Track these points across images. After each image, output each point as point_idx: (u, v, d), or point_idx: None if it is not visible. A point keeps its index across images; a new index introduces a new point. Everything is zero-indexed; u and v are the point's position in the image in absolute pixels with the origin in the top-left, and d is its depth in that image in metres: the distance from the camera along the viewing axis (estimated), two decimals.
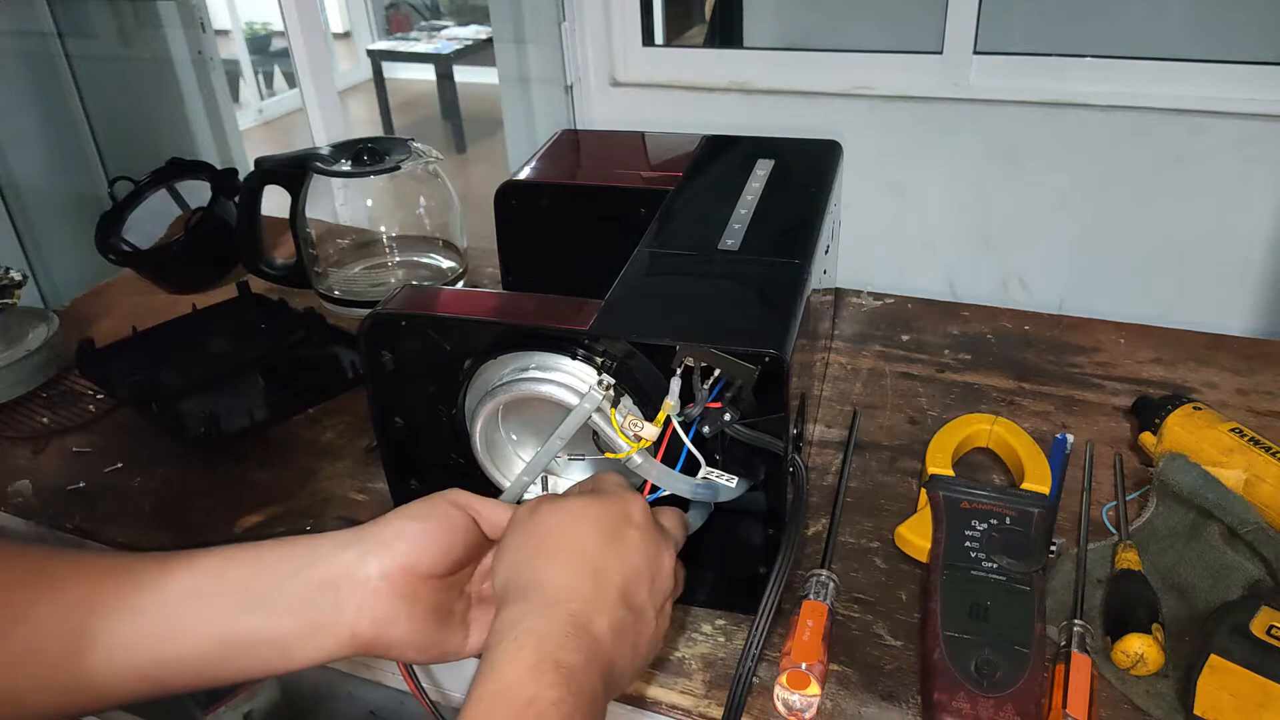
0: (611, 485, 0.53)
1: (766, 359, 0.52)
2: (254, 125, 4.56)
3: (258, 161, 0.99)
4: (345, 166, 0.96)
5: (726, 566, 0.64)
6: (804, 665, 0.54)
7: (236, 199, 1.02)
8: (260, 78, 4.80)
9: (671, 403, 0.54)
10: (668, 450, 0.56)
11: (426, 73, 4.44)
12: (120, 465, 0.80)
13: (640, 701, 0.58)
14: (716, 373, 0.53)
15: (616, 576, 0.47)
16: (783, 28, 2.25)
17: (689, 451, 0.55)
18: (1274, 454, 0.67)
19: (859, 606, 0.63)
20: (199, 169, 1.12)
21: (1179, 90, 1.40)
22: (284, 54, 3.95)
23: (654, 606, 0.48)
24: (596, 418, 0.54)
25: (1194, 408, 0.73)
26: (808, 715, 0.55)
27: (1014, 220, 1.54)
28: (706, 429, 0.54)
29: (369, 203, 1.08)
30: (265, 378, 0.88)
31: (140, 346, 0.95)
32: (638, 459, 0.54)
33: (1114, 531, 0.67)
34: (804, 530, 0.67)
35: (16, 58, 1.29)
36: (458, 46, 4.33)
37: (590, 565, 0.46)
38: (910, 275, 1.61)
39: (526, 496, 0.61)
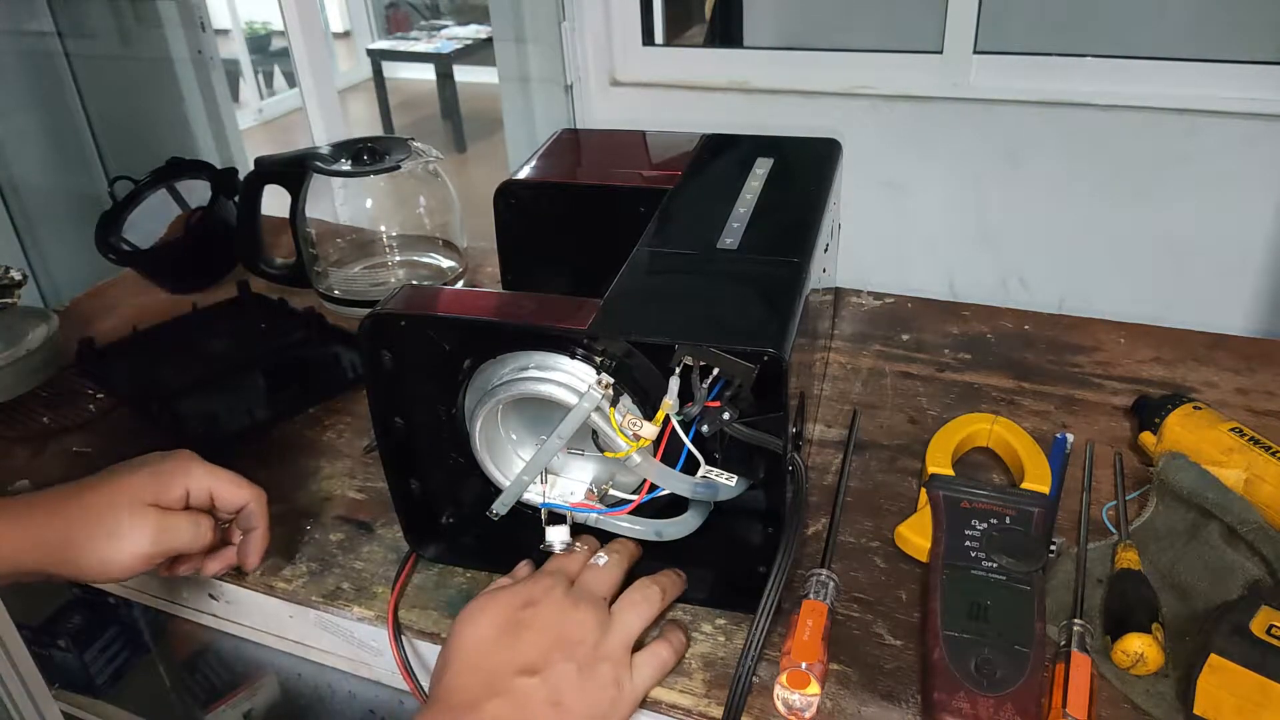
0: (522, 574, 0.60)
1: (765, 358, 0.52)
2: (254, 125, 4.56)
3: (257, 161, 0.99)
4: (345, 166, 0.96)
5: (726, 566, 0.64)
6: (804, 665, 0.54)
7: (236, 199, 1.02)
8: (260, 77, 4.81)
9: (670, 402, 0.54)
10: (667, 449, 0.56)
11: (426, 72, 4.44)
12: None
13: (640, 701, 0.58)
14: (715, 372, 0.53)
15: (510, 658, 0.53)
16: (783, 27, 2.25)
17: (688, 450, 0.55)
18: (1274, 454, 0.67)
19: (859, 606, 0.63)
20: (199, 169, 1.12)
21: (1179, 90, 1.40)
22: (284, 54, 3.95)
23: (575, 661, 0.53)
24: (595, 417, 0.54)
25: (1194, 407, 0.73)
26: (808, 715, 0.55)
27: (1014, 220, 1.54)
28: (705, 428, 0.54)
29: (369, 202, 1.08)
30: (265, 378, 0.88)
31: (140, 346, 0.95)
32: (637, 458, 0.54)
33: (1114, 531, 0.67)
34: (804, 529, 0.67)
35: (16, 58, 1.29)
36: (458, 46, 4.34)
37: (480, 660, 0.53)
38: (910, 275, 1.62)
39: (526, 496, 0.61)
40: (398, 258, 1.08)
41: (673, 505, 0.60)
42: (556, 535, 0.61)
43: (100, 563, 0.56)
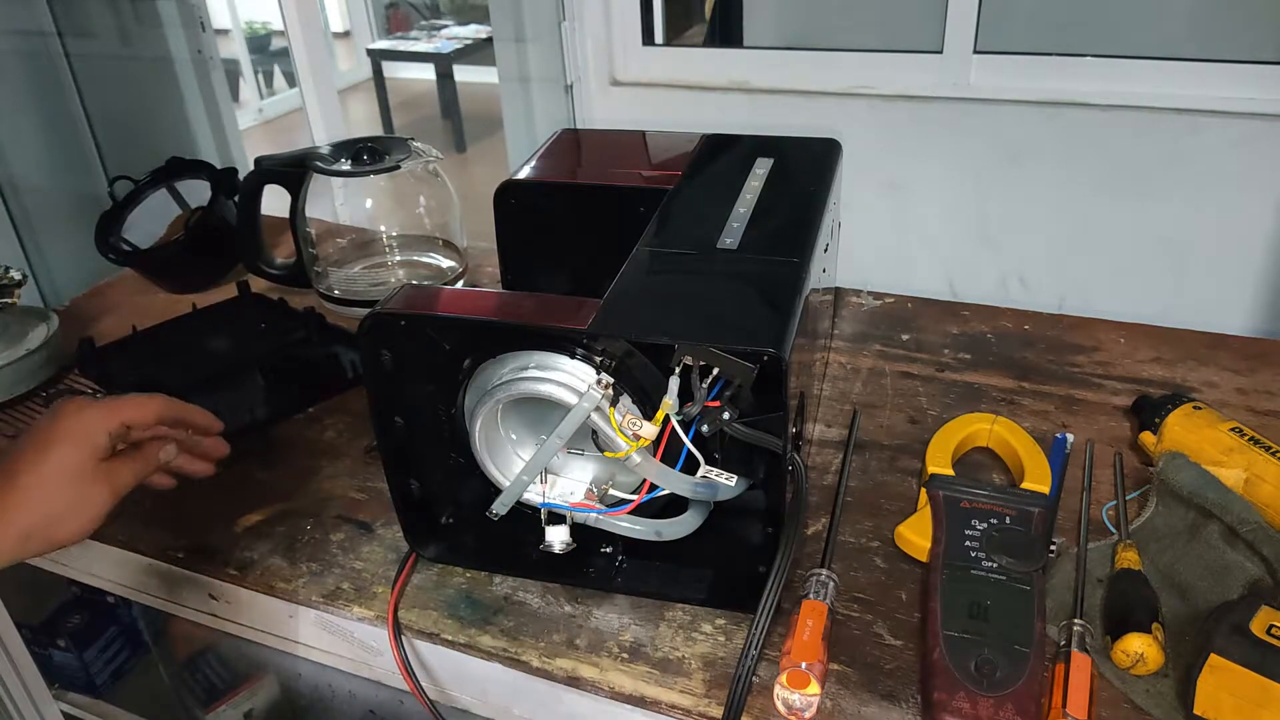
0: None
1: (765, 358, 0.52)
2: (254, 125, 4.56)
3: (257, 161, 0.99)
4: (345, 166, 0.96)
5: (726, 565, 0.64)
6: (804, 665, 0.54)
7: (236, 198, 1.02)
8: (260, 77, 4.80)
9: (670, 401, 0.54)
10: (667, 449, 0.56)
11: (426, 72, 4.44)
12: None
13: (640, 701, 0.58)
14: (715, 371, 0.53)
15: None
16: (783, 27, 2.25)
17: (688, 450, 0.55)
18: (1274, 453, 0.67)
19: (859, 606, 0.63)
20: (199, 168, 1.12)
21: (1179, 90, 1.40)
22: (284, 53, 3.95)
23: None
24: (595, 417, 0.54)
25: (1194, 407, 0.73)
26: (807, 714, 0.55)
27: (1014, 219, 1.54)
28: (705, 428, 0.54)
29: (369, 202, 1.08)
30: (265, 377, 0.88)
31: (140, 346, 0.95)
32: (637, 458, 0.54)
33: (1114, 531, 0.67)
34: (804, 529, 0.67)
35: (16, 58, 1.29)
36: (457, 46, 4.34)
37: None
38: (910, 275, 1.61)
39: (526, 496, 0.61)
40: (398, 258, 1.08)
41: (673, 505, 0.60)
42: (556, 535, 0.61)
43: (78, 531, 0.59)
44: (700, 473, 0.56)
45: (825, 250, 0.72)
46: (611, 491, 0.61)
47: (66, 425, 0.61)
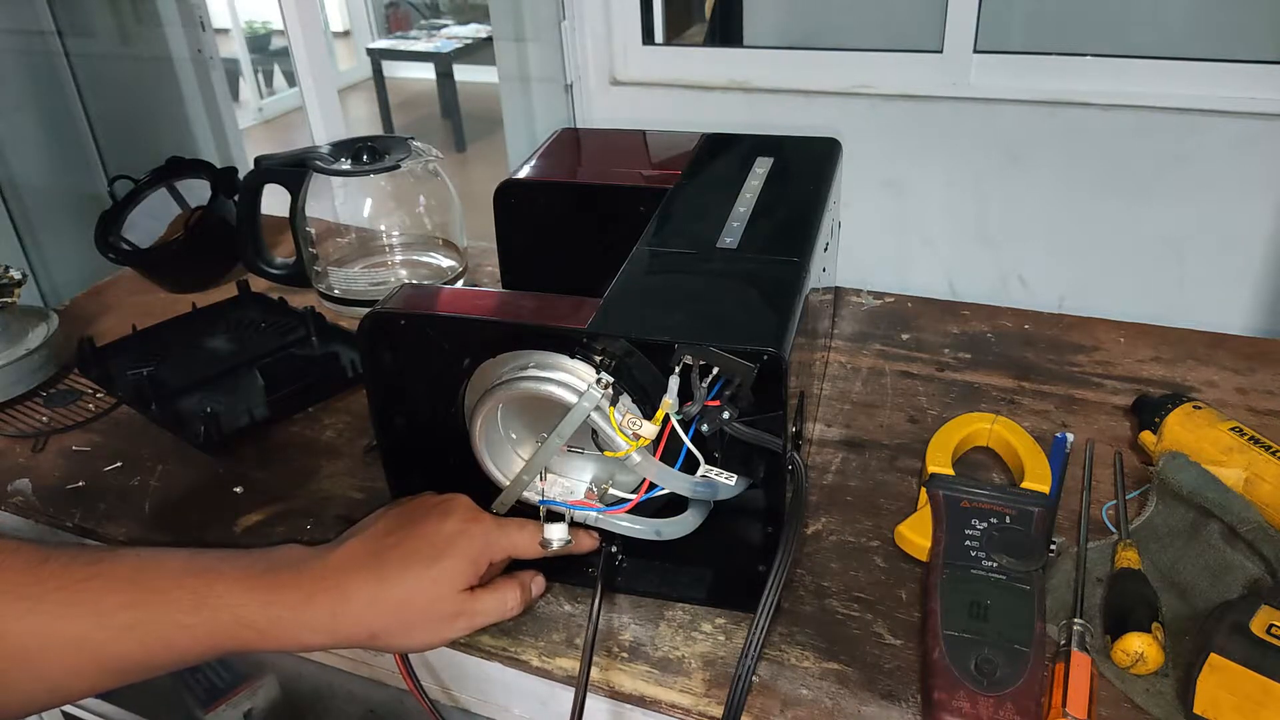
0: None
1: (765, 357, 0.52)
2: (254, 124, 4.57)
3: (257, 160, 0.99)
4: (345, 165, 0.96)
5: (726, 565, 0.64)
6: None
7: (236, 198, 1.02)
8: (260, 76, 4.81)
9: (670, 401, 0.54)
10: (667, 448, 0.56)
11: (426, 71, 4.45)
12: (120, 464, 0.80)
13: (640, 701, 0.58)
14: (715, 371, 0.53)
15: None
16: (782, 26, 2.25)
17: (688, 450, 0.55)
18: (1274, 453, 0.67)
19: (859, 605, 0.63)
20: (199, 168, 1.12)
21: (1179, 89, 1.40)
22: (284, 52, 3.95)
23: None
24: (595, 416, 0.54)
25: (1194, 407, 0.73)
26: None
27: (1014, 219, 1.54)
28: (705, 427, 0.54)
29: (369, 202, 1.08)
30: (265, 377, 0.88)
31: (140, 345, 0.95)
32: (636, 457, 0.54)
33: (1114, 530, 0.67)
34: (803, 529, 0.67)
35: (16, 57, 1.29)
36: (457, 45, 4.35)
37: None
38: (910, 274, 1.62)
39: (525, 495, 0.61)
40: (398, 257, 1.08)
41: (672, 504, 0.60)
42: (555, 533, 0.60)
43: (419, 648, 0.59)
44: (700, 472, 0.56)
45: (825, 250, 0.72)
46: (611, 491, 0.61)
47: (462, 536, 0.57)
